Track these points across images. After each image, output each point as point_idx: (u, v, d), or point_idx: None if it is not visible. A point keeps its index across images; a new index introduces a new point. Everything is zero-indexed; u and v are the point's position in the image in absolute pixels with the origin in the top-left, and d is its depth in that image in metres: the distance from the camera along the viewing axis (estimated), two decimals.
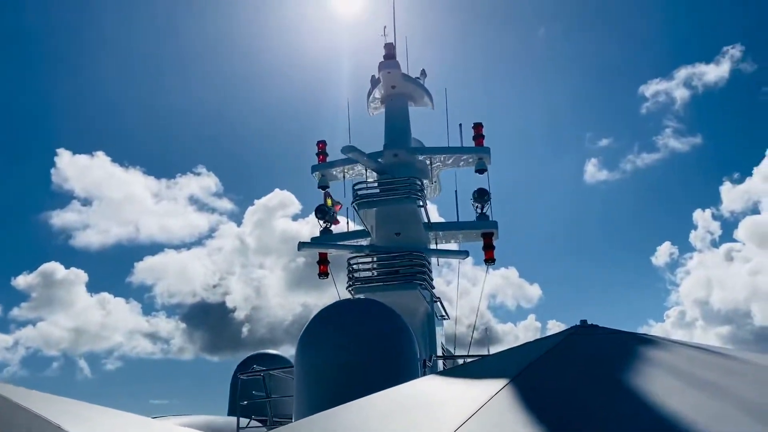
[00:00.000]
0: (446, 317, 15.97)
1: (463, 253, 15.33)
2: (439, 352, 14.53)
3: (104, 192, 50.20)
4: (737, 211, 51.18)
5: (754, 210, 46.19)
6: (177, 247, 56.71)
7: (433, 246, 15.49)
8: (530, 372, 4.87)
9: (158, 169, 61.21)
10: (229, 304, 44.36)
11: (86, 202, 51.43)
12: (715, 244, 48.54)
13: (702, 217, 48.26)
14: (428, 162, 16.09)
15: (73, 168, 48.42)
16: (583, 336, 5.82)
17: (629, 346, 5.62)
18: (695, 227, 47.90)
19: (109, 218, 50.35)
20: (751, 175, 47.89)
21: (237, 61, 55.41)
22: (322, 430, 4.88)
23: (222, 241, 50.82)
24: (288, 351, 16.07)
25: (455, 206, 15.55)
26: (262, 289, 45.38)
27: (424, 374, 10.54)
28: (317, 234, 15.97)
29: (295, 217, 45.89)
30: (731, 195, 47.83)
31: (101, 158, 47.29)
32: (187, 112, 55.61)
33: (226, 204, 54.45)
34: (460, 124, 16.24)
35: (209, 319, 46.66)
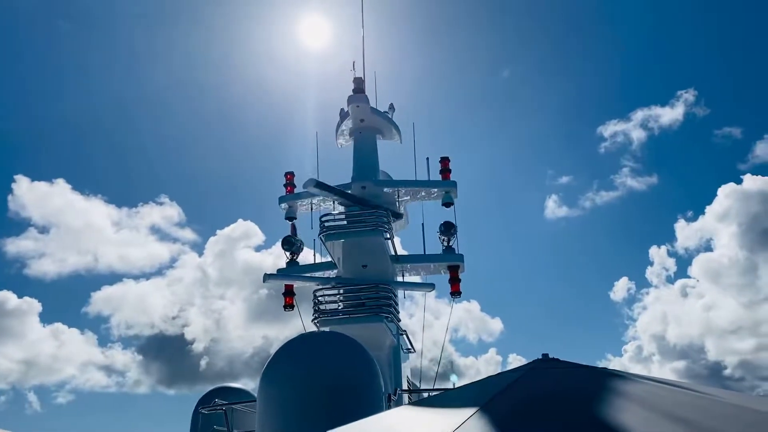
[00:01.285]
0: (412, 350, 15.93)
1: (429, 286, 15.37)
2: (405, 386, 14.45)
3: (63, 220, 49.20)
4: (691, 248, 52.91)
5: (707, 247, 47.71)
6: (136, 277, 55.54)
7: (399, 278, 15.52)
8: (494, 404, 4.89)
9: (120, 197, 60.35)
10: (188, 336, 43.44)
11: (44, 230, 50.22)
12: (670, 280, 49.82)
13: (658, 253, 49.58)
14: (396, 195, 16.21)
15: (32, 195, 47.43)
16: (544, 369, 5.88)
17: (591, 379, 5.69)
18: (651, 263, 49.18)
19: (66, 247, 49.26)
20: (704, 213, 49.61)
21: (203, 91, 55.49)
22: None
23: (183, 271, 50.02)
24: (248, 384, 15.77)
25: (422, 239, 15.67)
26: (222, 321, 44.63)
27: (389, 408, 10.46)
28: (282, 265, 15.87)
29: (258, 248, 45.47)
30: (685, 232, 49.34)
31: (61, 186, 46.47)
32: (151, 142, 55.21)
33: (188, 234, 53.79)
34: (428, 158, 16.44)
35: (167, 351, 45.57)
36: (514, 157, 53.93)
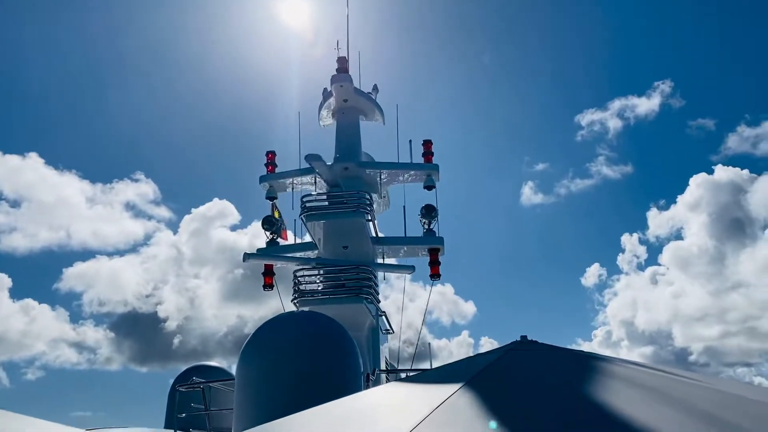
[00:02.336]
0: (391, 331, 16.01)
1: (409, 268, 15.41)
2: (383, 366, 14.54)
3: (35, 195, 48.18)
4: (662, 237, 53.83)
5: (678, 236, 48.61)
6: (110, 254, 54.75)
7: (380, 260, 15.55)
8: (475, 383, 4.94)
9: (94, 173, 59.26)
10: (161, 314, 43.04)
11: (15, 204, 49.13)
12: (641, 267, 50.66)
13: (629, 241, 50.36)
14: (378, 177, 16.18)
15: (3, 168, 46.33)
16: (524, 351, 5.94)
17: (570, 361, 5.78)
18: (623, 250, 49.90)
19: (38, 222, 48.31)
20: (675, 202, 50.42)
21: (182, 68, 54.56)
22: None
23: (157, 249, 49.40)
24: (221, 363, 15.77)
25: (403, 221, 15.70)
26: (196, 299, 44.28)
27: (367, 388, 10.52)
28: (259, 245, 15.81)
29: (233, 228, 45.08)
30: (657, 221, 50.08)
31: (34, 160, 45.46)
32: (128, 118, 54.27)
33: (164, 212, 53.10)
34: (410, 141, 16.41)
35: (139, 328, 45.11)
36: (493, 142, 54.24)
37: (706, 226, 43.55)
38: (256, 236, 15.87)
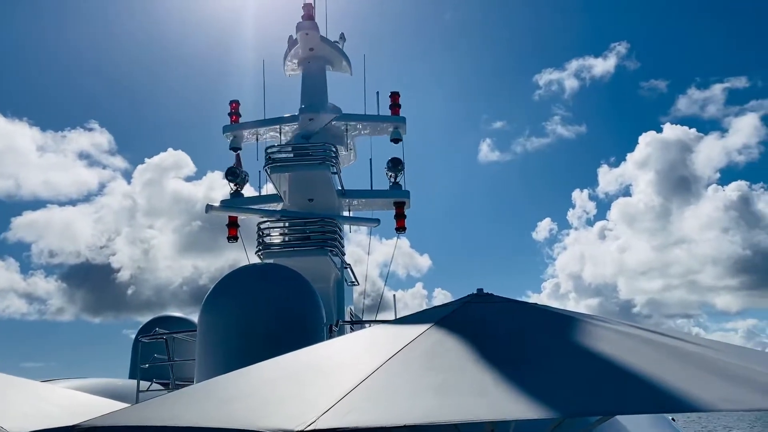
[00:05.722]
0: (356, 283, 16.15)
1: (374, 221, 15.45)
2: (348, 318, 14.70)
3: None
4: (611, 193, 54.96)
5: (626, 192, 49.75)
6: (62, 204, 53.20)
7: (345, 213, 15.54)
8: (430, 333, 5.02)
9: (46, 121, 57.19)
10: (115, 265, 42.35)
11: None
12: (590, 223, 51.85)
13: (580, 197, 51.41)
14: (344, 129, 16.01)
15: None
16: (480, 303, 6.04)
17: (525, 310, 5.93)
18: (573, 206, 50.80)
19: None
20: (625, 160, 51.31)
21: (137, 17, 52.48)
22: (215, 393, 4.84)
23: (111, 198, 48.29)
24: (176, 313, 15.75)
25: (369, 174, 15.66)
26: (150, 250, 43.62)
27: (330, 338, 10.64)
28: (214, 196, 15.68)
29: (188, 179, 44.25)
30: (607, 178, 51.00)
31: None
32: (82, 67, 52.30)
33: (119, 162, 51.69)
34: (377, 93, 16.23)
35: (92, 279, 44.52)
36: (453, 98, 54.17)
37: (653, 183, 44.74)
38: (212, 188, 15.79)
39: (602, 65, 50.76)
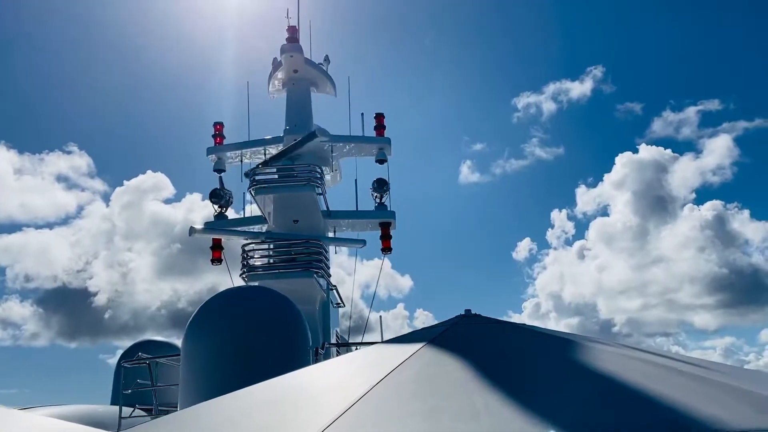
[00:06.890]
0: (342, 305, 16.01)
1: (360, 242, 15.38)
2: (333, 340, 14.56)
3: None
4: (589, 213, 55.76)
5: (604, 212, 50.55)
6: (39, 227, 52.42)
7: (331, 234, 15.46)
8: (419, 356, 4.97)
9: (24, 144, 56.58)
10: (92, 289, 41.67)
11: None
12: (569, 242, 52.44)
13: (558, 217, 52.00)
14: (329, 149, 16.00)
15: None
16: (469, 325, 6.02)
17: (514, 331, 5.93)
18: (552, 226, 51.46)
19: None
20: (602, 180, 52.20)
21: (116, 37, 52.40)
22: (202, 419, 4.74)
23: (89, 221, 47.58)
24: (154, 336, 15.49)
25: (354, 195, 15.63)
26: (129, 273, 42.95)
27: (317, 362, 10.51)
28: (193, 219, 15.56)
29: (167, 201, 43.80)
30: (585, 198, 51.75)
31: None
32: (60, 88, 51.96)
33: (98, 185, 51.03)
34: (362, 113, 16.27)
35: (68, 303, 43.53)
36: (434, 121, 55.01)
37: (630, 203, 45.33)
38: (192, 209, 15.61)
39: (579, 88, 51.74)
